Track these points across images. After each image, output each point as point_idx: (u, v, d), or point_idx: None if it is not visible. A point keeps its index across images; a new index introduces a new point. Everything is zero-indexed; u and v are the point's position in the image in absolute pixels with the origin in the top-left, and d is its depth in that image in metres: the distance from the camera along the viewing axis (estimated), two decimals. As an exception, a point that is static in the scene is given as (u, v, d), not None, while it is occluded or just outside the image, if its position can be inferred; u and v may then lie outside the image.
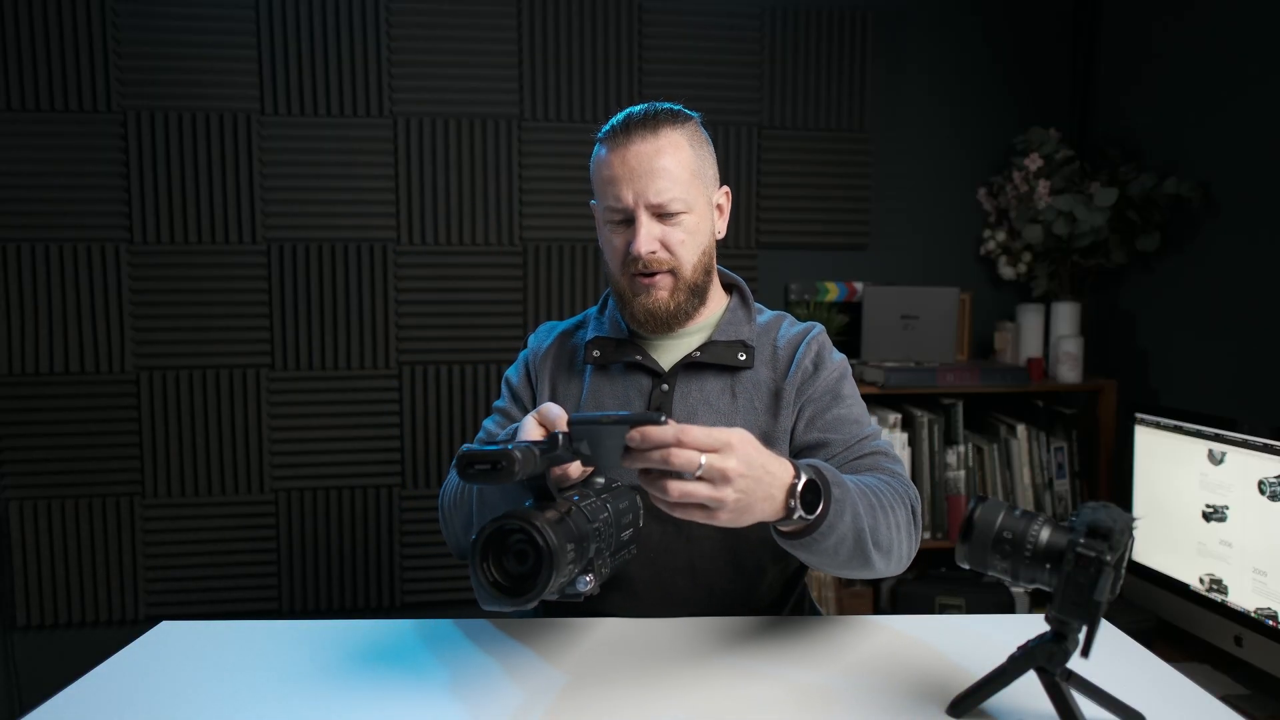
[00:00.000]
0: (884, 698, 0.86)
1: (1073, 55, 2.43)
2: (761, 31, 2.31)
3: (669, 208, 1.07)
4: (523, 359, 1.23)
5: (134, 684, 0.89)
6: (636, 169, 1.06)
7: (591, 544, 0.79)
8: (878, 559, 0.95)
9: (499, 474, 0.73)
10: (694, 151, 1.09)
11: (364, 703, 0.85)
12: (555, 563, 0.72)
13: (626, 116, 1.08)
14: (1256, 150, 1.87)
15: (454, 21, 2.20)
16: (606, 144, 1.09)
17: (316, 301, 2.21)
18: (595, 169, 1.11)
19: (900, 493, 1.02)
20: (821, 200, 2.38)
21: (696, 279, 1.11)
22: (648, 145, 1.06)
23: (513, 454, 0.73)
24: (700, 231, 1.11)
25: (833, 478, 0.89)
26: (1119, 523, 0.73)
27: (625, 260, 1.09)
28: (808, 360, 1.14)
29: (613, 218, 1.10)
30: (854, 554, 0.92)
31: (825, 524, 0.86)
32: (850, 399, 1.14)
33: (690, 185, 1.08)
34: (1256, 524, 1.55)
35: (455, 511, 1.08)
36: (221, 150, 2.15)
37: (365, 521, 2.26)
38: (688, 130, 1.10)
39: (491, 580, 0.75)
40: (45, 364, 2.12)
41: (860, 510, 0.91)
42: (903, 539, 0.99)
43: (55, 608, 2.16)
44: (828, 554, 0.89)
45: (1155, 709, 0.81)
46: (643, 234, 1.06)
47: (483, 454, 0.73)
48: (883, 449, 1.10)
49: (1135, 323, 2.26)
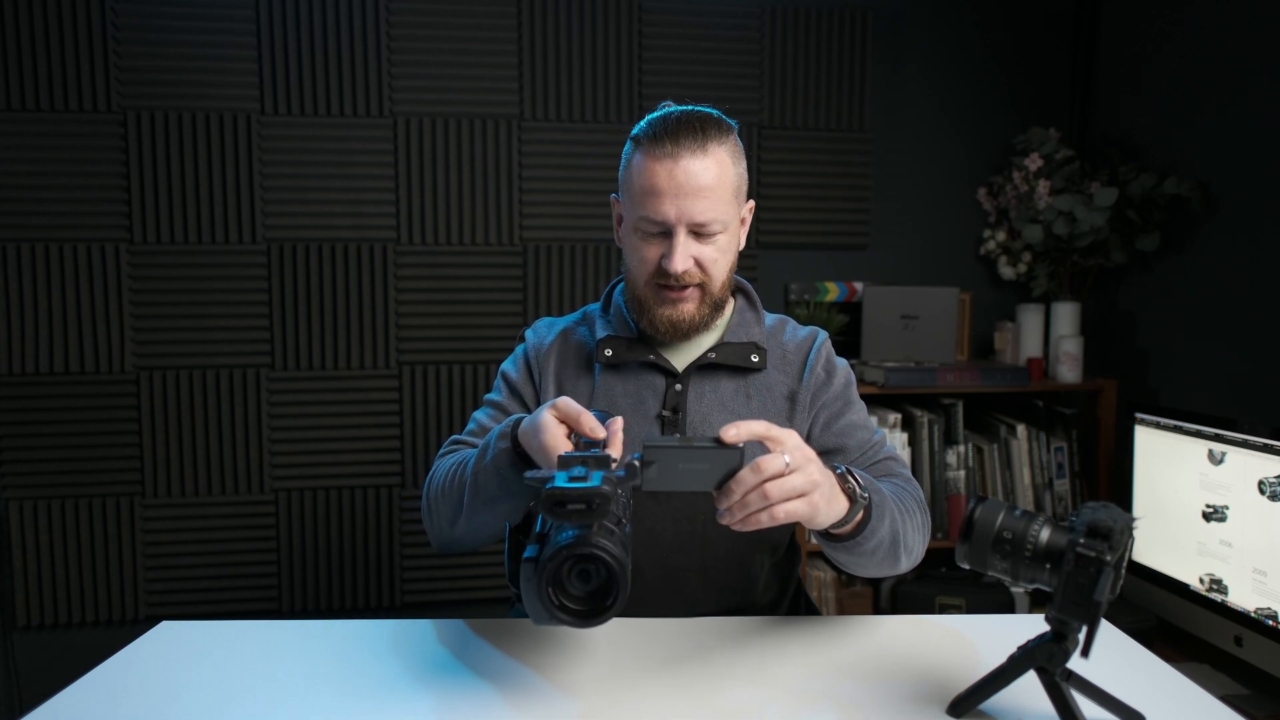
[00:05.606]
0: (884, 698, 0.86)
1: (1073, 55, 2.43)
2: (761, 31, 2.31)
3: (709, 228, 1.04)
4: (522, 353, 1.19)
5: (134, 684, 0.88)
6: (685, 186, 1.02)
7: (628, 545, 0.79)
8: (904, 559, 1.02)
9: (593, 514, 0.71)
10: (735, 169, 1.07)
11: (364, 703, 0.85)
12: (626, 580, 0.71)
13: (674, 124, 1.03)
14: (1256, 150, 1.87)
15: (454, 21, 2.20)
16: (650, 150, 1.03)
17: (316, 301, 2.21)
18: (634, 173, 1.06)
19: (914, 496, 1.08)
20: (821, 200, 2.38)
21: (722, 293, 1.11)
22: (697, 163, 1.02)
23: (605, 492, 0.70)
24: (731, 248, 1.10)
25: (868, 483, 0.95)
26: (1119, 523, 0.73)
27: (655, 272, 1.07)
28: (820, 366, 1.15)
29: (647, 229, 1.06)
30: (888, 555, 0.98)
31: (869, 527, 0.93)
32: (858, 405, 1.17)
33: (730, 204, 1.06)
34: (1256, 524, 1.55)
35: (442, 500, 1.05)
36: (221, 150, 2.15)
37: (365, 521, 2.26)
38: (729, 145, 1.06)
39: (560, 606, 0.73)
40: (45, 364, 2.12)
41: (895, 514, 0.97)
42: (922, 539, 1.06)
43: (55, 608, 2.16)
44: (867, 555, 0.96)
45: (1155, 709, 0.81)
46: (679, 253, 1.04)
47: (576, 493, 0.70)
48: (892, 454, 1.14)
49: (1135, 323, 2.26)
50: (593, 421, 0.86)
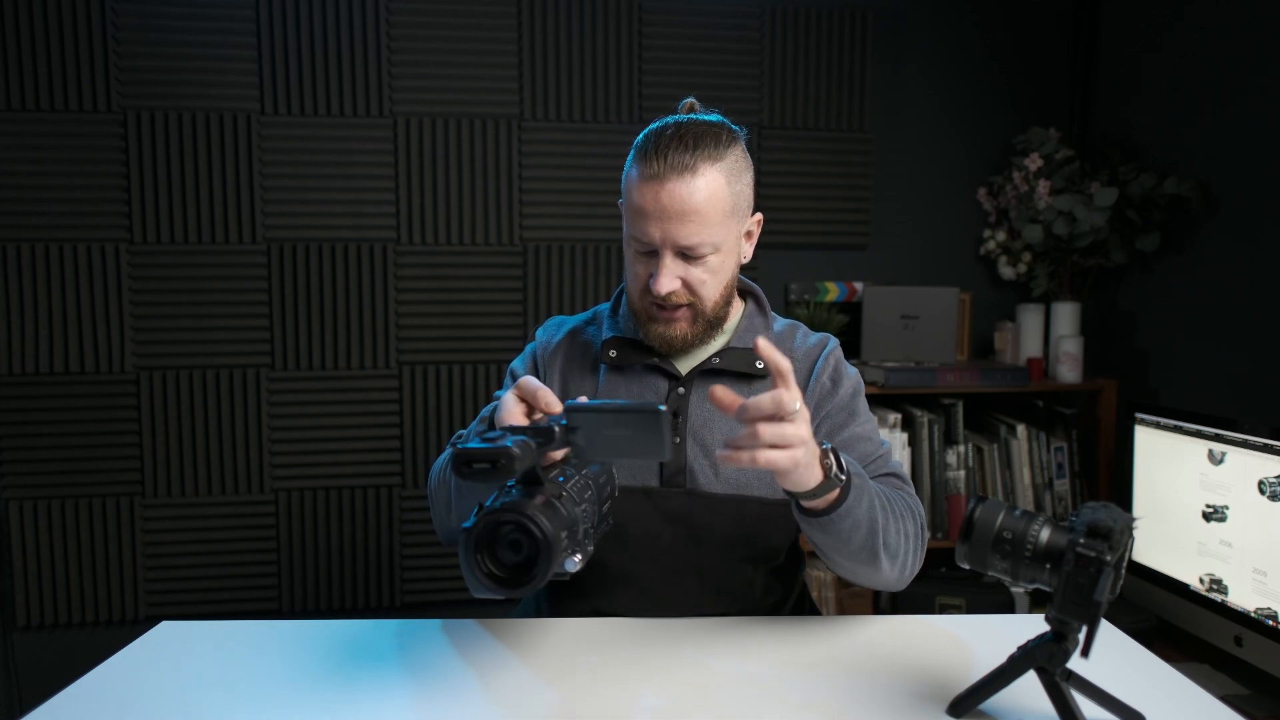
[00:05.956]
0: (884, 698, 0.86)
1: (1073, 55, 2.43)
2: (761, 31, 2.31)
3: (696, 251, 1.02)
4: (530, 352, 1.21)
5: (134, 684, 0.88)
6: (669, 209, 0.99)
7: (580, 525, 0.79)
8: (885, 560, 0.98)
9: (499, 473, 0.71)
10: (731, 189, 1.03)
11: (364, 703, 0.85)
12: (552, 553, 0.72)
13: (667, 141, 1.00)
14: (1256, 150, 1.87)
15: (454, 21, 2.20)
16: (640, 168, 1.01)
17: (316, 301, 2.21)
18: (626, 187, 1.05)
19: (910, 506, 1.05)
20: (821, 200, 2.38)
21: (716, 312, 1.09)
22: (684, 186, 0.99)
23: (511, 451, 0.71)
24: (725, 268, 1.07)
25: (852, 465, 0.93)
26: (1119, 523, 0.73)
27: (645, 289, 1.06)
28: (825, 376, 1.13)
29: (638, 246, 1.05)
30: (865, 544, 0.94)
31: (843, 506, 0.90)
32: (864, 417, 1.14)
33: (722, 226, 1.03)
34: (1256, 524, 1.55)
35: (438, 491, 1.07)
36: (221, 150, 2.15)
37: (365, 521, 2.26)
38: (728, 163, 1.03)
39: (488, 573, 0.75)
40: (45, 364, 2.12)
41: (875, 502, 0.94)
42: (910, 549, 1.02)
43: (55, 608, 2.16)
44: (842, 537, 0.93)
45: (1155, 709, 0.81)
46: (664, 276, 1.02)
47: (480, 452, 0.71)
48: (895, 470, 1.11)
49: (1135, 323, 2.26)
50: (549, 396, 0.86)
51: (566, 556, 0.78)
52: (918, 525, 1.04)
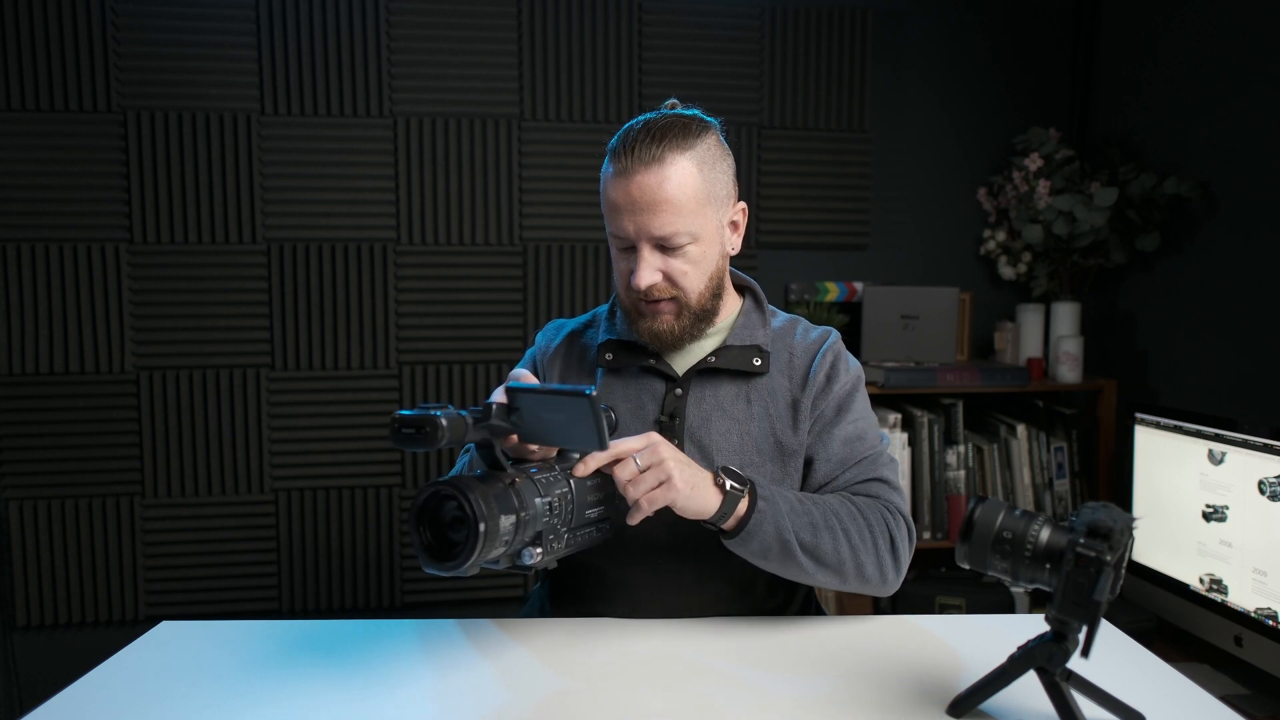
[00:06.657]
0: (884, 698, 0.86)
1: (1073, 55, 2.43)
2: (761, 31, 2.31)
3: (673, 241, 1.02)
4: (530, 356, 1.22)
5: (134, 684, 0.89)
6: (639, 201, 1.00)
7: (541, 518, 0.79)
8: (821, 574, 1.00)
9: (423, 439, 0.74)
10: (703, 177, 1.02)
11: (364, 703, 0.85)
12: (486, 532, 0.73)
13: (634, 136, 1.01)
14: (1256, 150, 1.87)
15: (454, 21, 2.20)
16: (612, 164, 1.03)
17: (316, 301, 2.21)
18: (602, 186, 1.06)
19: (877, 522, 1.03)
20: (821, 200, 2.38)
21: (703, 304, 1.08)
22: (651, 177, 0.99)
23: (438, 420, 0.74)
24: (707, 259, 1.06)
25: (764, 491, 0.97)
26: (1119, 523, 0.73)
27: (629, 285, 1.06)
28: (822, 373, 1.12)
29: (617, 244, 1.06)
30: (784, 561, 0.98)
31: (746, 530, 0.95)
32: (855, 414, 1.12)
33: (697, 214, 1.02)
34: (1256, 524, 1.55)
35: None
36: (221, 150, 2.15)
37: (365, 521, 2.26)
38: (699, 152, 1.02)
39: (424, 544, 0.77)
40: (45, 364, 2.12)
41: (786, 524, 0.97)
42: (864, 561, 1.01)
43: (55, 608, 2.16)
44: (758, 556, 0.98)
45: (1155, 709, 0.81)
46: (643, 269, 1.03)
47: (409, 418, 0.75)
48: (880, 475, 1.09)
49: (1135, 323, 2.26)
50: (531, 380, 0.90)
51: (524, 547, 0.78)
52: (887, 538, 1.03)
